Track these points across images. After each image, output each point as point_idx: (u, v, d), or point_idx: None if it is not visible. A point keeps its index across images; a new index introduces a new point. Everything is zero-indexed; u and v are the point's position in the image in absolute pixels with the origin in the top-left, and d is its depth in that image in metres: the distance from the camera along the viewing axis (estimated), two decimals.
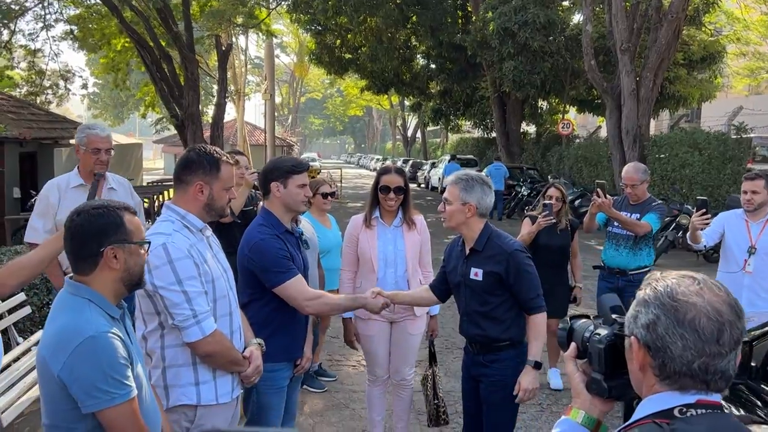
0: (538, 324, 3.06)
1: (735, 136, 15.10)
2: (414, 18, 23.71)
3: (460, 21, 24.06)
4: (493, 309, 3.07)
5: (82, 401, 1.83)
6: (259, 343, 2.78)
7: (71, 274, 2.00)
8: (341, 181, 25.40)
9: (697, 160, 13.73)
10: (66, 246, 1.99)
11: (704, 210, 4.35)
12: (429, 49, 25.25)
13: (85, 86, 22.20)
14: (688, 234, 4.54)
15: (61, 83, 20.47)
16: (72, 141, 16.86)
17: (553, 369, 5.44)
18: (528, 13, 18.46)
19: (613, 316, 1.51)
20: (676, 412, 1.25)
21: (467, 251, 3.13)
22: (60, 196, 3.96)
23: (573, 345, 1.60)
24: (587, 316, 1.64)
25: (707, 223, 4.38)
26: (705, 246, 4.54)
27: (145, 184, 20.67)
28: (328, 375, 5.49)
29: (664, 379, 1.28)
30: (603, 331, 1.49)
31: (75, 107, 58.00)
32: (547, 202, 5.05)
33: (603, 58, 18.07)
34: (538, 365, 3.02)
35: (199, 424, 2.50)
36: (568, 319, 1.67)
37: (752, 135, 17.14)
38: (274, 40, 28.77)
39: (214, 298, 2.50)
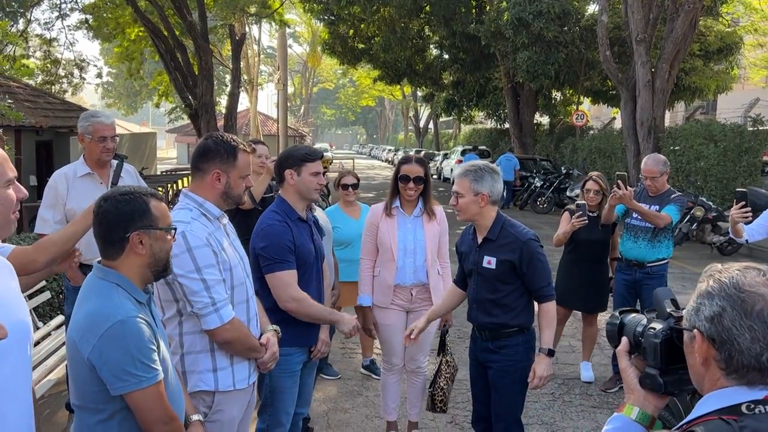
0: (549, 312, 3.12)
1: (751, 128, 14.95)
2: (427, 8, 23.61)
3: (473, 11, 23.93)
4: (504, 296, 3.12)
5: (111, 383, 1.88)
6: (276, 330, 2.81)
7: (99, 258, 2.04)
8: None
9: (713, 152, 13.61)
10: (94, 230, 2.03)
11: (744, 202, 4.15)
12: (442, 39, 25.16)
13: (99, 75, 22.35)
14: (729, 228, 4.36)
15: (76, 72, 20.62)
16: None
17: (584, 362, 5.43)
18: (543, 3, 18.34)
19: (668, 310, 1.47)
20: (743, 409, 1.20)
21: (479, 240, 3.17)
22: (68, 186, 3.93)
23: (625, 340, 1.56)
24: (636, 311, 1.61)
25: (747, 217, 4.14)
26: (747, 240, 4.36)
27: (159, 173, 20.81)
28: (376, 372, 5.23)
29: (730, 373, 1.24)
30: (658, 325, 1.45)
31: (89, 96, 58.34)
32: (581, 202, 4.99)
33: (618, 49, 17.93)
34: (551, 353, 3.07)
35: (217, 410, 2.54)
36: (618, 314, 1.63)
37: None
38: (287, 30, 28.77)
39: (232, 285, 2.52)
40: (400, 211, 3.90)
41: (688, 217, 11.54)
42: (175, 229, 2.11)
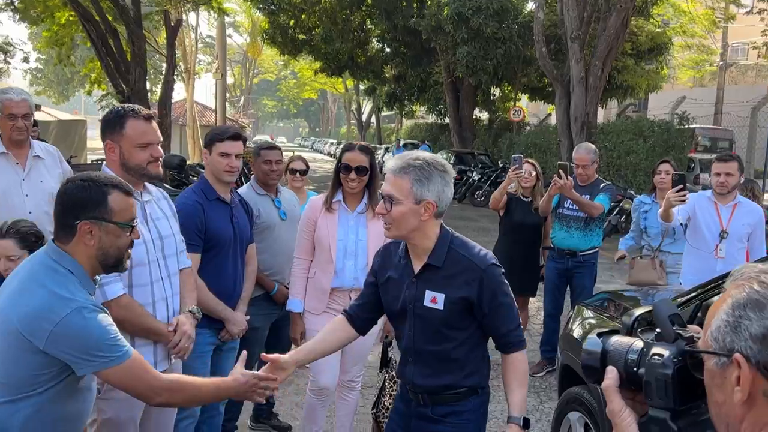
0: (522, 365, 2.26)
1: (678, 126, 15.56)
2: (369, 0, 23.59)
3: (415, 5, 24.04)
4: (456, 348, 2.23)
5: (78, 366, 1.84)
6: (192, 312, 2.72)
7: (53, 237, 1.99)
8: None
9: (642, 147, 14.11)
10: (54, 209, 1.98)
11: (681, 186, 3.94)
12: (384, 33, 25.20)
13: (26, 60, 21.35)
14: (659, 211, 4.22)
15: (0, 56, 19.66)
16: None
17: None
18: None
19: (675, 328, 1.13)
20: None
21: (417, 267, 2.25)
22: None
23: (614, 372, 1.17)
24: (616, 332, 1.28)
25: (684, 200, 3.97)
26: (681, 223, 4.27)
27: (89, 161, 20.13)
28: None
29: None
30: (665, 351, 1.10)
31: (16, 84, 55.82)
32: (516, 155, 5.01)
33: (554, 46, 18.36)
34: (526, 423, 2.18)
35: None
36: (596, 336, 1.26)
37: (695, 125, 17.73)
38: (227, 19, 28.19)
39: (131, 265, 2.40)
40: (343, 205, 3.36)
41: (618, 209, 11.92)
42: (133, 226, 2.03)
